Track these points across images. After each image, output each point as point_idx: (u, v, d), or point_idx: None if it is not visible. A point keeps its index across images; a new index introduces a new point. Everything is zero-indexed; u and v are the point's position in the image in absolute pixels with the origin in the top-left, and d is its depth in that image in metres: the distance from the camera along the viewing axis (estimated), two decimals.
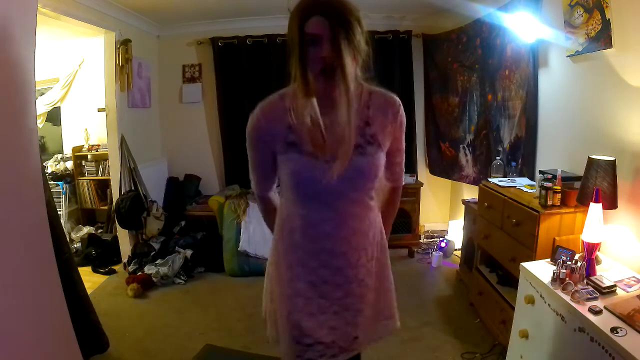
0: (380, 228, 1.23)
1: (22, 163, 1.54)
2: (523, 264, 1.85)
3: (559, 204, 1.98)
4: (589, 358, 1.36)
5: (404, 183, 1.32)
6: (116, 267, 3.58)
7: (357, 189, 1.10)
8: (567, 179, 2.06)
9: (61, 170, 4.25)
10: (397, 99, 1.15)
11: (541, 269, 1.77)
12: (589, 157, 1.81)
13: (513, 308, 1.97)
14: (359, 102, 1.07)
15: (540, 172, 2.23)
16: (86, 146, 4.21)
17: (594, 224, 1.66)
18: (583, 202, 1.80)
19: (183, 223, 3.91)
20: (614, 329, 1.29)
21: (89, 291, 2.45)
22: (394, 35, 4.00)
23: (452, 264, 3.58)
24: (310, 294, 1.14)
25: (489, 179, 2.60)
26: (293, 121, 1.06)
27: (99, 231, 4.12)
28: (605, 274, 1.66)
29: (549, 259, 1.86)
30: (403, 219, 3.96)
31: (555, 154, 2.45)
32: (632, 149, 1.80)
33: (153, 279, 3.22)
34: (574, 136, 2.26)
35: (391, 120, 1.13)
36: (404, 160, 1.26)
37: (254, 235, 3.42)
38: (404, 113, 1.16)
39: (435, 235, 4.29)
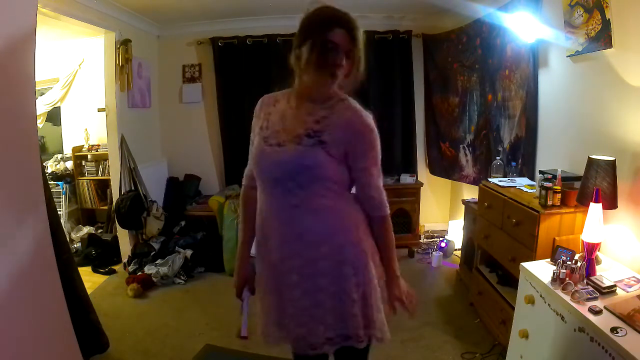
0: (342, 233, 1.21)
1: (22, 163, 1.54)
2: (523, 264, 1.85)
3: (559, 204, 1.98)
4: (589, 358, 1.36)
5: (388, 213, 1.25)
6: (116, 267, 3.58)
7: (292, 178, 1.15)
8: (567, 179, 2.06)
9: (61, 170, 4.25)
10: (362, 111, 1.19)
11: (541, 269, 1.77)
12: (589, 157, 1.81)
13: (513, 308, 1.97)
14: (322, 103, 1.18)
15: (540, 172, 2.23)
16: (86, 146, 4.21)
17: (594, 224, 1.66)
18: (583, 202, 1.80)
19: (183, 223, 3.91)
20: (614, 329, 1.29)
21: (89, 291, 2.45)
22: (394, 35, 4.00)
23: (452, 264, 3.58)
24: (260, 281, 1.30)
25: (489, 179, 2.60)
26: (271, 109, 1.24)
27: (99, 231, 4.12)
28: (605, 274, 1.66)
29: (549, 259, 1.86)
30: (403, 219, 3.96)
31: (555, 154, 2.45)
32: (632, 149, 1.80)
33: (153, 279, 3.22)
34: (574, 136, 2.26)
35: (347, 131, 1.16)
36: (378, 188, 1.22)
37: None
38: (368, 126, 1.17)
39: (435, 235, 4.29)
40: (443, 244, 3.75)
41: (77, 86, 4.28)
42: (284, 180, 1.16)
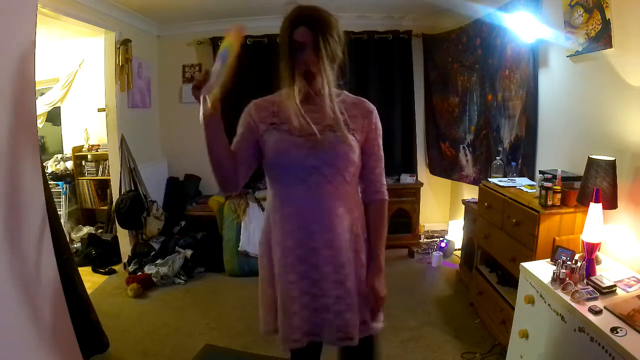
0: (360, 221, 1.27)
1: (22, 163, 1.54)
2: (523, 264, 1.85)
3: (559, 204, 1.98)
4: (589, 358, 1.36)
5: (386, 198, 1.30)
6: (116, 267, 3.58)
7: (329, 164, 1.18)
8: (567, 179, 2.06)
9: (61, 170, 4.25)
10: (371, 105, 1.29)
11: (541, 269, 1.77)
12: (589, 157, 1.81)
13: (513, 308, 1.97)
14: (337, 97, 1.21)
15: (540, 172, 2.23)
16: (86, 146, 4.21)
17: (594, 224, 1.66)
18: (583, 202, 1.80)
19: (183, 223, 3.91)
20: (614, 329, 1.29)
21: (89, 291, 2.45)
22: (394, 35, 4.00)
23: (452, 264, 3.58)
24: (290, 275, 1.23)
25: (489, 179, 2.60)
26: (275, 108, 1.24)
27: (99, 231, 4.12)
28: (605, 274, 1.66)
29: (549, 259, 1.86)
30: (403, 219, 3.96)
31: (555, 154, 2.45)
32: (632, 149, 1.80)
33: (153, 279, 3.22)
34: (574, 136, 2.26)
35: (363, 117, 1.25)
36: (382, 172, 1.30)
37: (254, 235, 3.42)
38: (378, 119, 1.28)
39: (435, 235, 4.29)
40: (443, 244, 3.75)
41: (77, 86, 4.28)
42: (318, 169, 1.17)
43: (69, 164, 4.26)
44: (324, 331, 1.23)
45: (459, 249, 3.58)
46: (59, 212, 3.48)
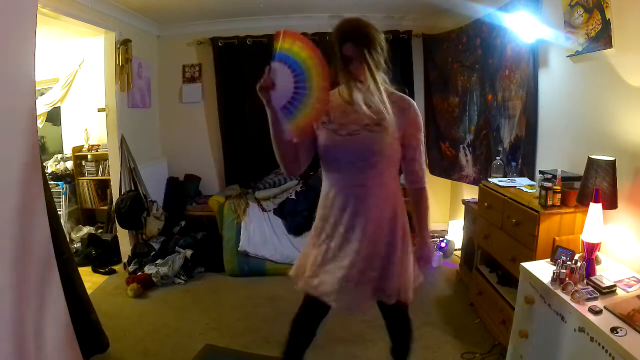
0: (396, 213, 1.50)
1: (22, 163, 1.54)
2: (523, 264, 1.85)
3: (559, 204, 1.98)
4: (589, 358, 1.36)
5: (424, 186, 1.54)
6: (116, 267, 3.58)
7: (362, 158, 1.40)
8: (567, 179, 2.06)
9: (61, 170, 4.25)
10: (411, 100, 1.50)
11: (541, 269, 1.77)
12: (589, 157, 1.81)
13: (513, 308, 1.97)
14: (374, 96, 1.39)
15: (540, 172, 2.23)
16: (86, 146, 4.21)
17: (594, 224, 1.66)
18: (583, 202, 1.80)
19: (183, 223, 3.91)
20: (614, 329, 1.29)
21: (89, 291, 2.44)
22: (394, 35, 4.00)
23: (452, 264, 3.58)
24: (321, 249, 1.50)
25: (489, 179, 2.59)
26: (328, 108, 1.38)
27: (99, 231, 4.12)
28: (605, 274, 1.66)
29: (549, 259, 1.86)
30: None
31: (555, 154, 2.45)
32: (632, 149, 1.80)
33: (153, 279, 3.22)
34: (574, 136, 2.26)
35: (401, 113, 1.44)
36: (422, 160, 1.51)
37: (254, 235, 3.42)
38: (416, 112, 1.48)
39: (435, 235, 4.29)
40: (443, 244, 3.75)
41: (77, 86, 4.28)
42: (357, 161, 1.41)
43: (69, 164, 4.26)
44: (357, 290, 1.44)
45: (459, 249, 3.58)
46: (59, 212, 3.48)
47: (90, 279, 3.29)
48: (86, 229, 4.12)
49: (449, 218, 4.38)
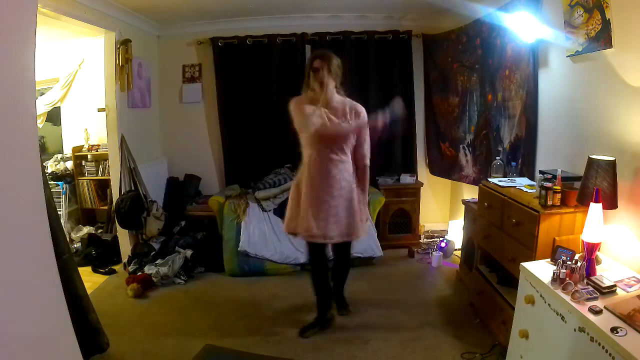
0: (351, 176, 2.38)
1: (21, 163, 1.54)
2: (523, 264, 1.85)
3: (559, 204, 1.98)
4: (589, 358, 1.36)
5: (367, 164, 2.42)
6: (116, 267, 3.58)
7: (336, 141, 2.29)
8: (567, 179, 2.06)
9: (61, 170, 4.25)
10: (361, 106, 2.36)
11: (541, 269, 1.77)
12: (589, 157, 1.81)
13: (513, 308, 1.97)
14: (342, 103, 2.34)
15: (540, 172, 2.23)
16: (86, 146, 4.21)
17: (594, 224, 1.66)
18: (583, 202, 1.79)
19: (183, 223, 3.91)
20: (614, 329, 1.29)
21: (89, 291, 2.44)
22: (394, 35, 4.00)
23: (452, 264, 3.58)
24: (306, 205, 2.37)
25: (489, 179, 2.59)
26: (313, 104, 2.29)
27: (99, 231, 4.12)
28: (605, 274, 1.66)
29: (549, 259, 1.86)
30: (403, 219, 3.97)
31: (555, 154, 2.45)
32: (632, 149, 1.80)
33: (153, 279, 3.22)
34: (574, 136, 2.26)
35: (357, 115, 2.33)
36: (367, 150, 2.40)
37: (254, 235, 3.42)
38: (366, 117, 2.34)
39: (435, 235, 4.29)
40: (443, 244, 3.75)
41: (77, 86, 4.28)
42: (332, 143, 2.28)
43: (69, 164, 4.25)
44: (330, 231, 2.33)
45: (459, 249, 3.58)
46: (59, 212, 3.49)
47: (90, 279, 3.28)
48: (86, 229, 4.12)
49: (449, 218, 4.38)
